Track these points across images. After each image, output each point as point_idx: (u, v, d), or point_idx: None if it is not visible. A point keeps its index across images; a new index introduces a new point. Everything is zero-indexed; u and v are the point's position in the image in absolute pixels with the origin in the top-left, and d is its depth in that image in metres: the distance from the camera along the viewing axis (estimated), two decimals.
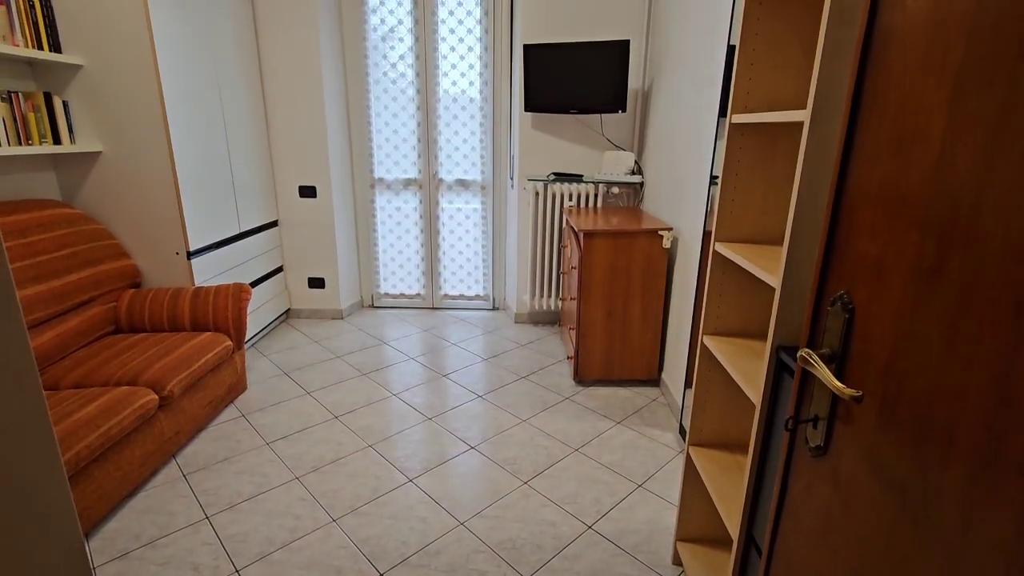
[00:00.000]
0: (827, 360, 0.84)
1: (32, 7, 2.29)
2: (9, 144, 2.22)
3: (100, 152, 2.57)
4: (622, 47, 3.07)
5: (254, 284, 3.35)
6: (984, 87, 0.58)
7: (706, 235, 2.24)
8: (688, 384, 2.44)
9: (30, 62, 2.43)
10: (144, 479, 2.09)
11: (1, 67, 2.33)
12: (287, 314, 3.88)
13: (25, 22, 2.27)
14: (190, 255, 2.69)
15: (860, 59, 0.79)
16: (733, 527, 1.33)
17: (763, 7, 1.37)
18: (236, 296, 2.61)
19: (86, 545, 1.79)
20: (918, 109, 0.68)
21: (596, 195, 3.43)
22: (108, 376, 2.11)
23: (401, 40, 3.59)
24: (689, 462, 1.70)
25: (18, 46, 2.25)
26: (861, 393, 0.76)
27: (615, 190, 3.46)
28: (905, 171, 0.70)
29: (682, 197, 2.64)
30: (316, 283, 3.80)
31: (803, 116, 1.08)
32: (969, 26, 0.60)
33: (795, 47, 1.40)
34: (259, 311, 3.39)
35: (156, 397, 2.06)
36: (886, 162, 0.74)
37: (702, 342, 1.59)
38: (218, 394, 2.54)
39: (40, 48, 2.33)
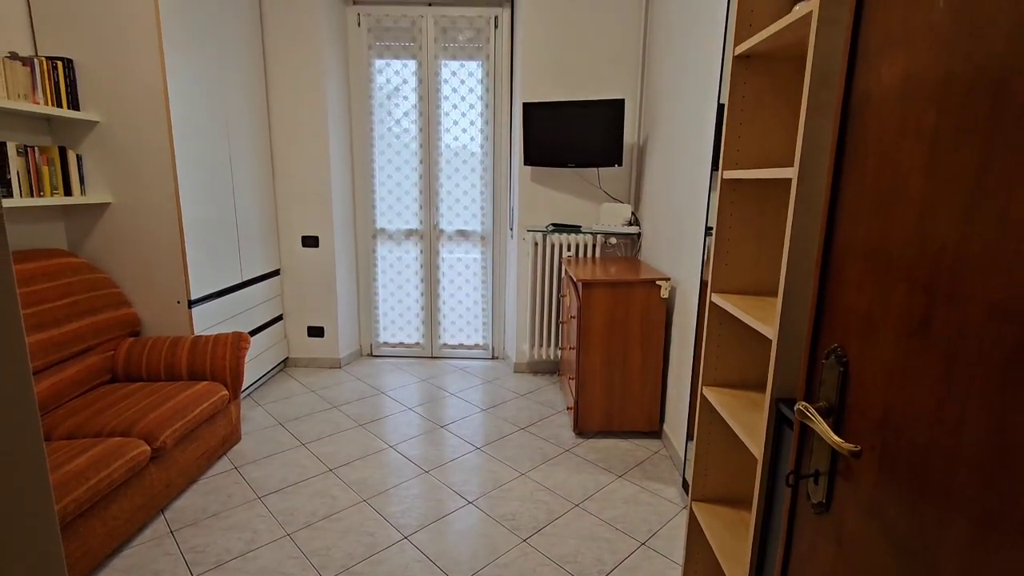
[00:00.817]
0: (824, 413, 0.84)
1: (55, 68, 2.41)
2: (22, 195, 2.28)
3: (109, 203, 2.64)
4: (617, 106, 3.19)
5: (253, 333, 3.35)
6: (958, 151, 0.61)
7: (703, 285, 2.27)
8: (690, 436, 2.40)
9: (48, 118, 2.53)
10: (130, 535, 2.02)
11: (20, 123, 2.43)
12: (285, 363, 3.85)
13: (47, 81, 2.38)
14: (191, 304, 2.71)
15: (840, 122, 0.83)
16: None
17: (749, 70, 1.44)
18: (235, 345, 2.61)
19: None
20: (897, 170, 0.71)
21: (594, 245, 3.48)
22: (101, 426, 2.08)
23: (405, 98, 3.74)
24: (692, 518, 1.65)
25: (38, 103, 2.35)
26: (859, 448, 0.75)
27: (613, 240, 3.52)
28: (888, 228, 0.72)
29: (679, 248, 2.68)
30: (315, 332, 3.80)
31: (791, 173, 1.12)
32: (940, 94, 0.64)
33: (781, 106, 1.47)
34: (257, 360, 3.37)
35: (148, 449, 2.02)
36: (870, 219, 0.76)
37: (702, 394, 1.58)
38: (211, 445, 2.49)
39: (59, 105, 2.43)
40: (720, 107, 2.09)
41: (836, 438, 0.76)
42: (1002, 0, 0.56)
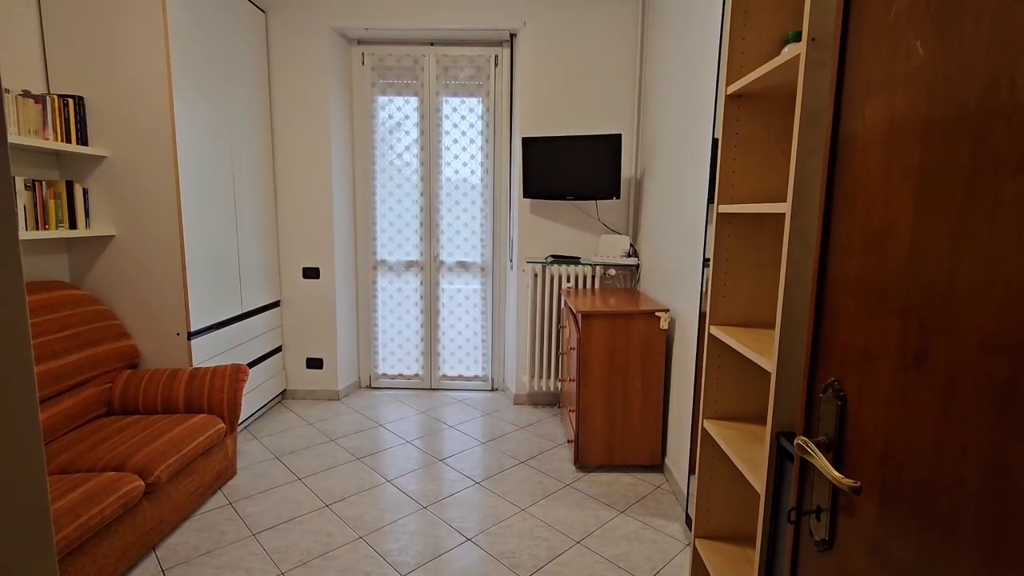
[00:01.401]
0: (824, 448, 0.83)
1: (66, 105, 2.47)
2: (27, 229, 2.30)
3: (113, 236, 2.67)
4: (615, 140, 3.26)
5: (252, 364, 3.33)
6: (943, 188, 0.63)
7: (702, 316, 2.27)
8: (692, 470, 2.36)
9: (57, 153, 2.59)
10: (120, 575, 1.97)
11: (30, 157, 2.48)
12: (283, 395, 3.82)
13: (57, 118, 2.44)
14: (190, 336, 2.71)
15: (829, 162, 0.85)
16: None
17: (741, 108, 1.49)
18: (233, 377, 2.59)
19: None
20: (885, 207, 0.72)
21: (594, 277, 3.50)
22: (95, 461, 2.05)
23: (407, 133, 3.82)
24: (696, 557, 1.61)
25: (48, 139, 2.40)
26: (859, 483, 0.74)
27: (612, 272, 3.54)
28: (880, 263, 0.73)
29: (677, 279, 2.69)
30: (314, 363, 3.78)
31: (784, 208, 1.15)
32: (922, 136, 0.66)
33: (774, 143, 1.50)
34: (254, 392, 3.34)
35: (142, 484, 1.99)
36: (861, 255, 0.77)
37: (703, 427, 1.57)
38: (206, 480, 2.45)
39: (69, 141, 2.49)
40: (715, 142, 2.14)
41: (836, 473, 0.75)
42: (978, 49, 0.58)
